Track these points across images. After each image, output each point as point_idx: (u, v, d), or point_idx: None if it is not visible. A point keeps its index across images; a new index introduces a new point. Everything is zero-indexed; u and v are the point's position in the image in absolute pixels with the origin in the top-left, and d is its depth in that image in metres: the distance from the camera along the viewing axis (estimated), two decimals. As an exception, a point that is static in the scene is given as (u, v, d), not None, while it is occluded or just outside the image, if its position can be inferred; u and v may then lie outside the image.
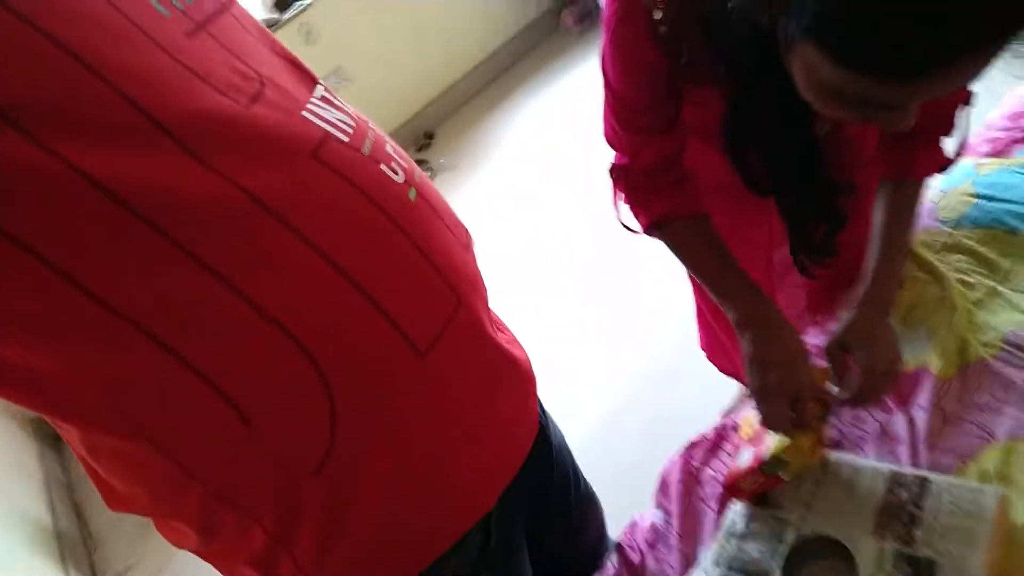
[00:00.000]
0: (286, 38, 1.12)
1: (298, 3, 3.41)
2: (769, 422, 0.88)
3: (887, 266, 0.95)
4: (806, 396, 0.86)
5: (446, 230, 0.74)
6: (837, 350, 0.92)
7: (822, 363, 0.94)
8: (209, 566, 0.74)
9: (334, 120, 0.66)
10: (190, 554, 0.72)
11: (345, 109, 0.71)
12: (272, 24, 3.23)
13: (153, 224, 0.52)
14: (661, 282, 2.31)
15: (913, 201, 0.98)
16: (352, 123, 0.69)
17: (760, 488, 0.92)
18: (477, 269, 0.78)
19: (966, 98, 0.92)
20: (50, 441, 2.91)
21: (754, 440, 0.95)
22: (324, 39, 3.39)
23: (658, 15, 0.78)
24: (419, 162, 3.59)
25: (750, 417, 1.02)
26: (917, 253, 1.11)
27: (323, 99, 0.69)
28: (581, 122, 3.50)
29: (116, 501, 0.69)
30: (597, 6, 3.81)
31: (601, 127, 0.99)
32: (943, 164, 0.98)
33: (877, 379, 0.89)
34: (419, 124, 3.92)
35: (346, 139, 0.65)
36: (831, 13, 0.58)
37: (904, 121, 0.68)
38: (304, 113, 0.64)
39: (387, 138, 0.74)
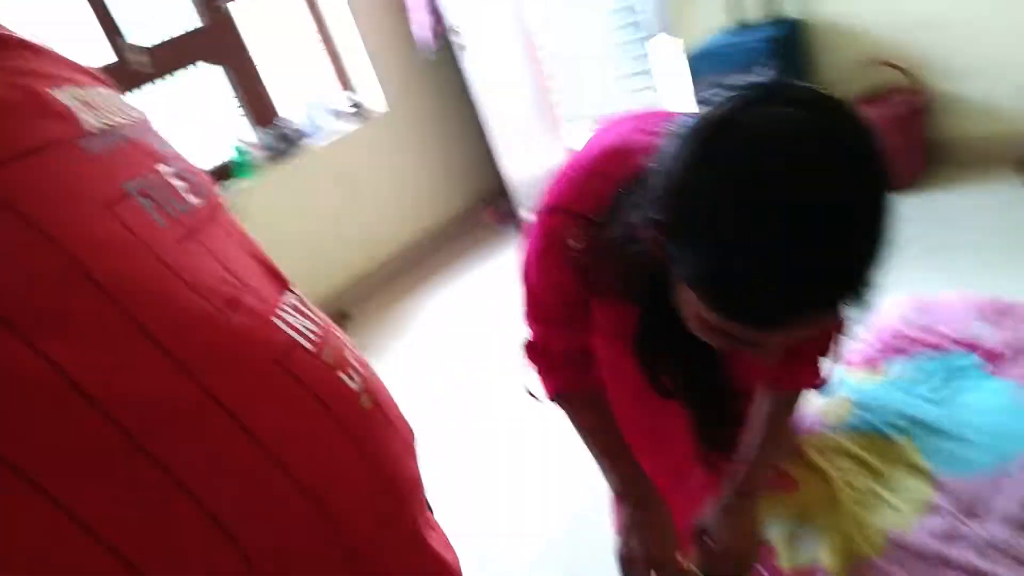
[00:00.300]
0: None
1: (232, 184, 3.56)
2: None
3: (756, 460, 1.06)
4: (668, 568, 0.97)
5: (395, 435, 0.78)
6: (700, 533, 1.01)
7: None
8: None
9: (301, 328, 0.71)
10: None
11: (312, 316, 0.76)
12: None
13: (113, 419, 0.54)
14: (576, 463, 2.37)
15: (787, 408, 1.10)
16: (318, 331, 0.74)
17: None
18: (418, 473, 0.82)
19: (840, 327, 1.07)
20: None
21: None
22: (253, 217, 3.50)
23: (575, 244, 0.91)
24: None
25: None
26: (807, 455, 1.22)
27: (294, 307, 0.74)
28: (494, 310, 3.67)
29: None
30: (514, 206, 4.13)
31: (520, 312, 1.10)
32: (819, 382, 1.10)
33: (728, 559, 0.99)
34: (337, 303, 4.00)
35: (311, 347, 0.70)
36: (702, 270, 0.70)
37: (771, 355, 0.80)
38: (275, 320, 0.69)
39: (347, 343, 0.79)
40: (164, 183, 0.68)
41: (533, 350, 1.13)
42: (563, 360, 1.11)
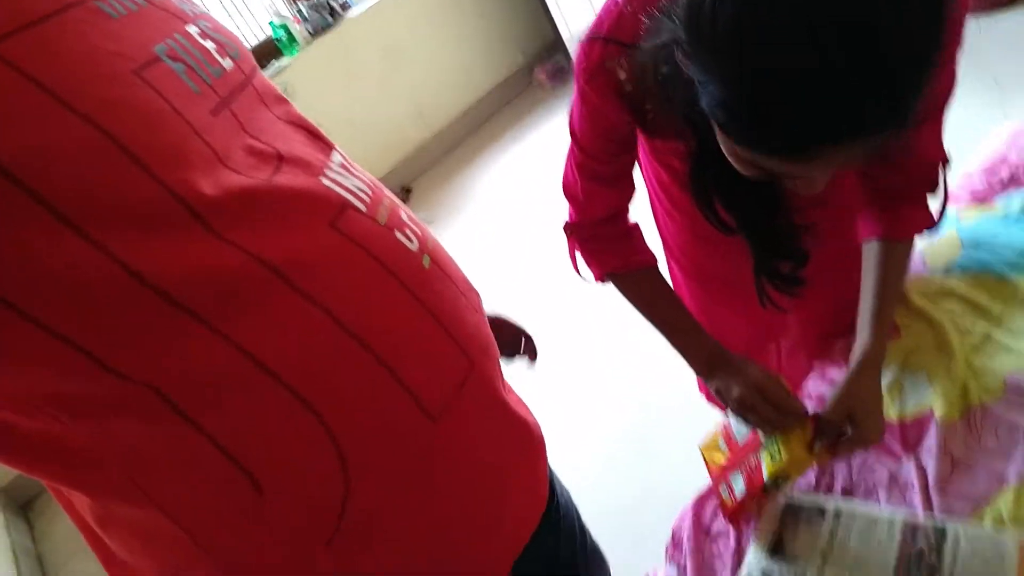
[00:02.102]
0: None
1: (276, 63, 3.46)
2: (762, 426, 0.94)
3: (880, 326, 0.97)
4: (776, 389, 0.93)
5: (459, 295, 0.74)
6: (834, 419, 0.92)
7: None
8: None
9: (352, 187, 0.67)
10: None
11: (362, 176, 0.71)
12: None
13: (177, 303, 0.52)
14: (643, 332, 2.33)
15: (904, 260, 1.02)
16: (369, 191, 0.69)
17: (763, 505, 0.96)
18: (489, 332, 0.78)
19: (945, 158, 0.96)
20: (17, 511, 2.80)
21: (733, 463, 0.98)
22: (301, 97, 3.43)
23: (622, 75, 0.84)
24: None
25: (716, 441, 1.04)
26: (912, 300, 1.13)
27: (341, 166, 0.69)
28: (554, 174, 3.55)
29: (121, 573, 0.67)
30: (569, 62, 3.91)
31: (560, 181, 1.06)
32: (931, 224, 1.01)
33: (862, 447, 0.93)
34: (397, 179, 3.96)
35: (363, 208, 0.66)
36: (722, 102, 0.63)
37: (813, 187, 0.73)
38: (323, 180, 0.64)
39: (402, 205, 0.75)
40: (195, 44, 0.63)
41: (574, 229, 1.08)
42: (605, 235, 1.07)
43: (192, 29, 0.64)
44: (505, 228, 3.34)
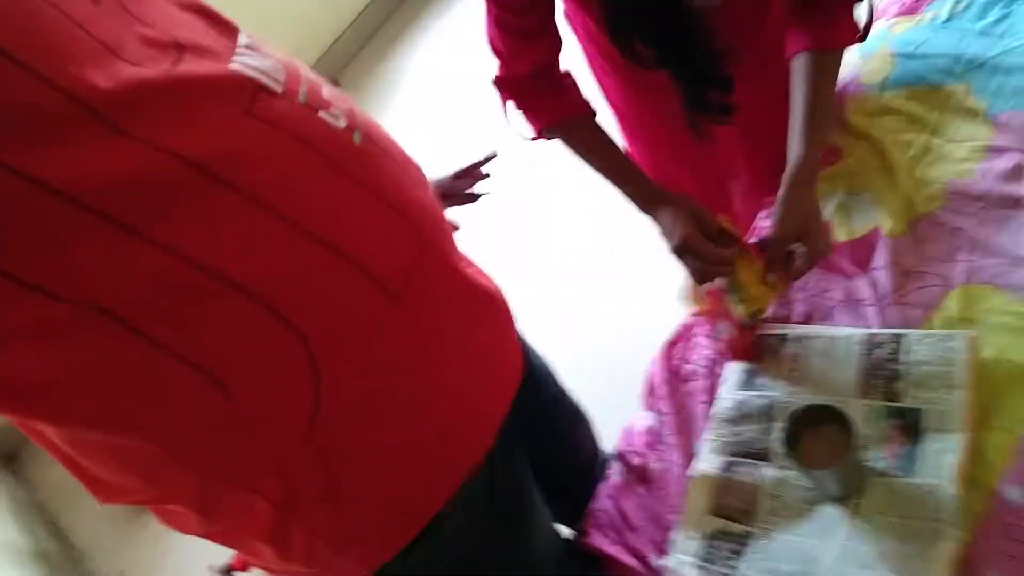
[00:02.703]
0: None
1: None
2: (705, 263, 0.94)
3: (811, 137, 0.97)
4: (710, 222, 0.95)
5: (399, 170, 0.72)
6: (782, 237, 0.94)
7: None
8: (201, 563, 0.72)
9: (263, 68, 0.63)
10: (182, 552, 0.70)
11: (273, 56, 0.67)
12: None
13: (97, 211, 0.50)
14: (597, 184, 2.34)
15: (832, 72, 1.01)
16: (283, 70, 0.65)
17: (756, 336, 0.99)
18: (437, 205, 0.77)
19: None
20: (3, 463, 2.81)
21: (712, 311, 1.02)
22: (202, -2, 3.19)
23: None
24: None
25: (693, 288, 1.06)
26: (850, 120, 1.14)
27: (248, 47, 0.65)
28: (480, 46, 3.42)
29: (106, 494, 0.67)
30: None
31: (485, 36, 1.03)
32: (857, 33, 1.00)
33: (815, 262, 0.94)
34: (320, 73, 3.77)
35: (279, 89, 0.62)
36: None
37: None
38: (231, 66, 0.60)
39: (324, 81, 0.71)
40: None
41: (505, 84, 1.06)
42: (537, 89, 1.05)
43: None
44: (441, 107, 3.24)
